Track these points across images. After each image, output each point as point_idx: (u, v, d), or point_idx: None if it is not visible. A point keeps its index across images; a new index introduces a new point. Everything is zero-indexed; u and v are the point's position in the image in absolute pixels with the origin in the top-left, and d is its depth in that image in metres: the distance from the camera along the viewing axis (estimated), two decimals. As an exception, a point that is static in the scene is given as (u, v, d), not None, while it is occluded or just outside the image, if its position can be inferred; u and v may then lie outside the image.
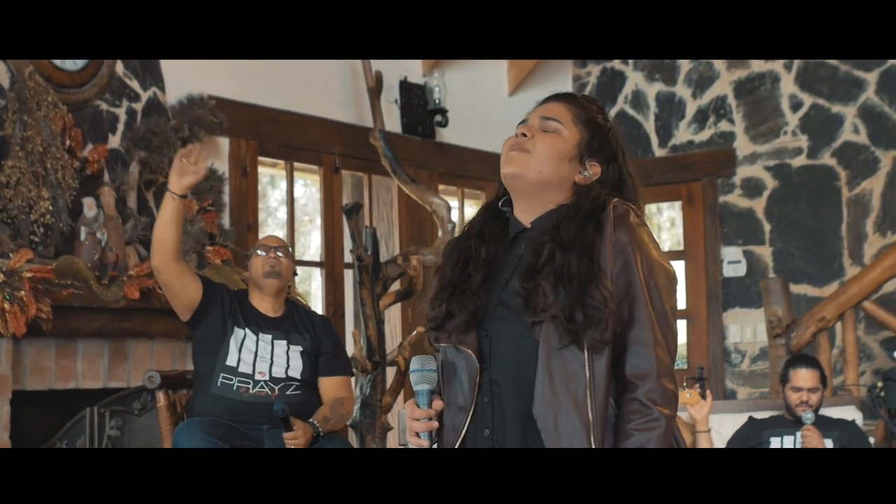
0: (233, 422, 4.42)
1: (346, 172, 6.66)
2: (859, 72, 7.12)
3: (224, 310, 4.60)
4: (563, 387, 2.21)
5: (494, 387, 2.28)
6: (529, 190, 2.38)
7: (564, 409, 2.21)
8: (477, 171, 7.34)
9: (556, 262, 2.25)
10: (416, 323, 6.66)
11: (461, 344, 2.30)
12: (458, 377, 2.31)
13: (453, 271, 2.40)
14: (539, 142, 2.38)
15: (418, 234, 6.88)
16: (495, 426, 2.28)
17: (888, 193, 7.00)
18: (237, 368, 4.50)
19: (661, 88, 7.79)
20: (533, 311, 2.23)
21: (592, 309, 2.20)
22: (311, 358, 4.67)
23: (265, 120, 6.11)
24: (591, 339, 2.20)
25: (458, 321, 2.31)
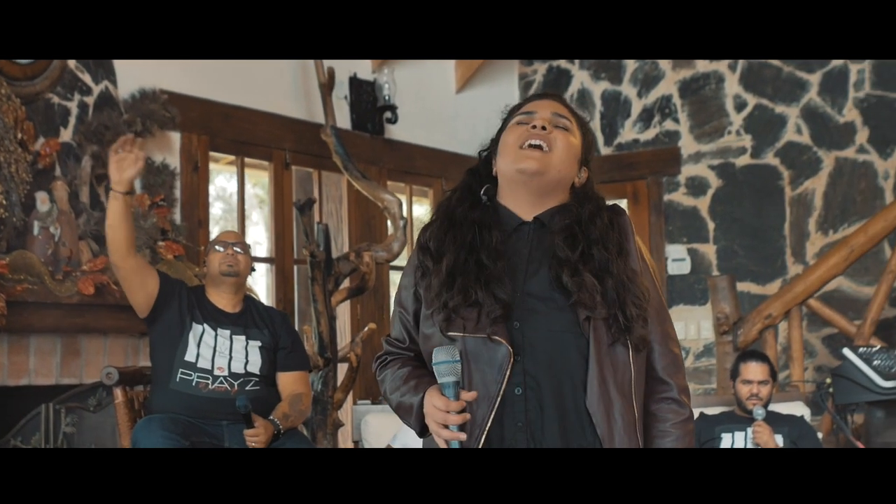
0: (192, 418, 4.40)
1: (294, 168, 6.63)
2: (802, 73, 7.23)
3: (182, 305, 4.58)
4: (613, 382, 2.26)
5: (528, 378, 2.26)
6: (543, 187, 2.39)
7: (616, 403, 2.26)
8: (425, 167, 7.36)
9: (597, 259, 2.30)
10: (366, 319, 6.66)
11: (495, 334, 2.26)
12: (480, 368, 2.27)
13: (459, 256, 2.35)
14: (559, 139, 2.38)
15: (367, 231, 6.88)
16: (529, 418, 2.26)
17: (830, 193, 7.12)
18: (196, 364, 4.48)
19: (606, 87, 7.85)
20: (584, 306, 2.26)
21: (637, 307, 2.28)
22: (270, 353, 4.66)
23: (216, 115, 6.07)
24: (637, 336, 2.28)
25: (486, 310, 2.28)
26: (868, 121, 7.04)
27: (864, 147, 7.04)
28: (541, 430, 2.26)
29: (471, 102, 7.74)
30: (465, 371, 2.28)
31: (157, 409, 4.42)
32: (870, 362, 5.27)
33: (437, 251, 2.40)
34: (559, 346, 2.27)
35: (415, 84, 7.21)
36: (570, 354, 2.27)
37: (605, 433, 2.24)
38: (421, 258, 2.43)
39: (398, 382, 2.43)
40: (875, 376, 5.23)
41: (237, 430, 4.42)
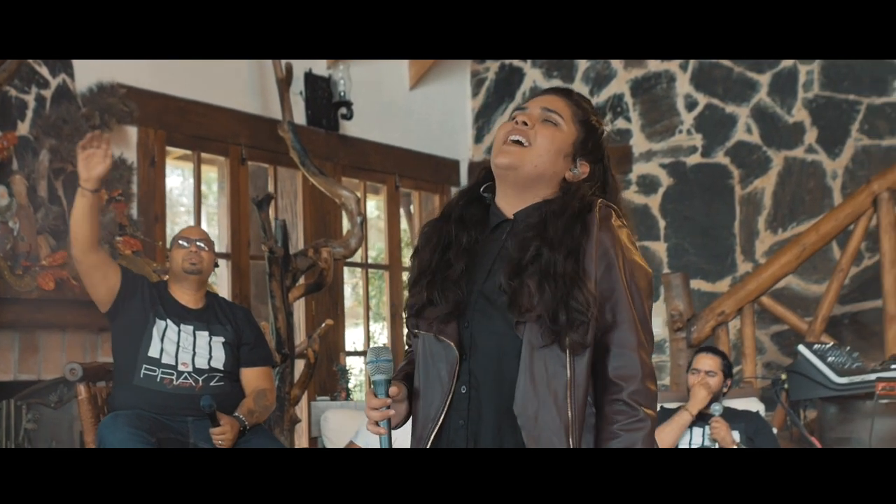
0: (157, 414, 4.37)
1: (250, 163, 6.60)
2: (752, 73, 7.33)
3: (144, 301, 4.55)
4: (544, 385, 2.24)
5: (472, 378, 2.30)
6: (521, 182, 2.39)
7: (545, 407, 2.23)
8: (378, 163, 7.36)
9: (543, 261, 2.27)
10: (322, 315, 6.66)
11: (441, 334, 2.31)
12: (436, 366, 2.32)
13: (432, 256, 2.39)
14: (540, 133, 2.38)
15: (322, 227, 6.87)
16: (471, 417, 2.30)
17: (779, 192, 7.23)
18: (160, 360, 4.46)
19: (559, 85, 7.89)
20: (518, 309, 2.25)
21: (575, 311, 2.22)
22: (234, 349, 4.65)
23: (173, 109, 6.04)
24: (572, 340, 2.22)
25: (438, 310, 2.32)
26: (817, 121, 7.15)
27: (813, 147, 7.15)
28: (477, 429, 2.30)
29: (424, 99, 7.76)
30: (425, 368, 2.34)
31: (122, 405, 4.39)
32: (824, 359, 5.36)
33: (420, 249, 2.45)
34: (498, 347, 2.29)
35: (369, 80, 7.21)
36: (508, 356, 2.27)
37: (530, 436, 2.24)
38: (413, 255, 2.48)
39: None
40: (829, 373, 5.31)
41: (202, 426, 4.40)
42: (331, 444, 5.26)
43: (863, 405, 5.34)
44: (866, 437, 5.24)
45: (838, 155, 7.09)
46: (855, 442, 5.31)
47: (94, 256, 4.38)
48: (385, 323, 8.19)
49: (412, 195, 7.86)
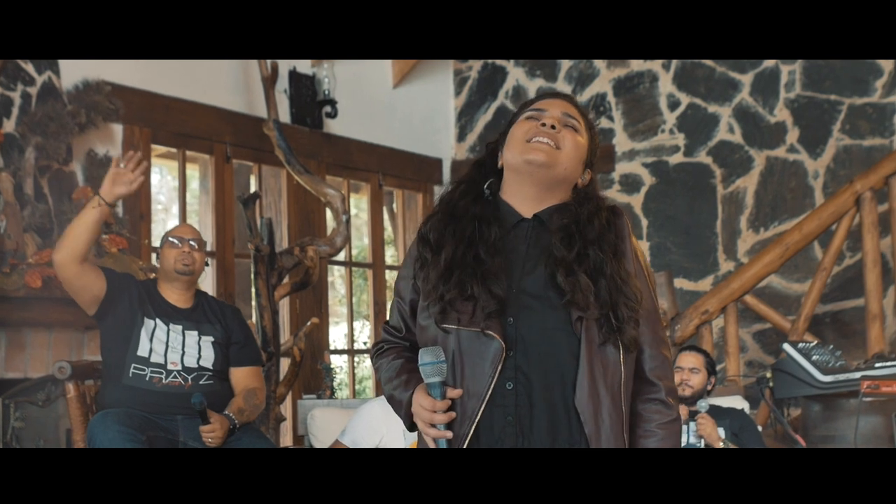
0: (146, 412, 4.37)
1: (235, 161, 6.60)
2: (734, 73, 7.36)
3: (132, 301, 4.54)
4: (602, 382, 2.29)
5: (519, 374, 2.30)
6: (548, 182, 2.42)
7: (605, 402, 2.29)
8: (362, 162, 7.36)
9: (591, 260, 2.33)
10: (305, 313, 6.66)
11: (488, 329, 2.29)
12: (472, 362, 2.31)
13: (457, 250, 2.38)
14: (568, 138, 2.42)
15: (307, 225, 6.86)
16: (520, 413, 2.30)
17: (761, 191, 7.27)
18: (149, 359, 4.46)
19: (541, 84, 7.92)
20: (577, 307, 2.29)
21: (629, 309, 2.31)
22: (223, 348, 4.65)
23: (158, 107, 6.02)
24: (628, 337, 2.30)
25: (481, 305, 2.31)
26: (798, 121, 7.19)
27: (795, 147, 7.19)
28: (529, 426, 2.30)
29: (407, 98, 7.77)
30: (458, 363, 2.32)
31: (111, 403, 4.38)
32: (809, 357, 5.40)
33: (436, 243, 2.43)
34: (551, 344, 2.31)
35: (352, 79, 7.21)
36: (562, 352, 2.30)
37: (592, 431, 2.28)
38: (420, 249, 2.45)
39: (391, 373, 2.48)
40: (814, 371, 5.35)
41: (192, 424, 4.40)
42: (318, 442, 5.26)
43: (846, 403, 5.39)
44: (850, 434, 5.29)
45: (820, 155, 7.14)
46: (839, 440, 5.36)
47: (79, 267, 4.38)
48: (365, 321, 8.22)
49: (395, 193, 7.86)
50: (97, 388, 4.58)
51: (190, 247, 4.65)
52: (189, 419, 4.41)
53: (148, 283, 4.73)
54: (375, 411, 4.89)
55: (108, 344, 4.56)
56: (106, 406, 4.38)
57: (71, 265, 4.35)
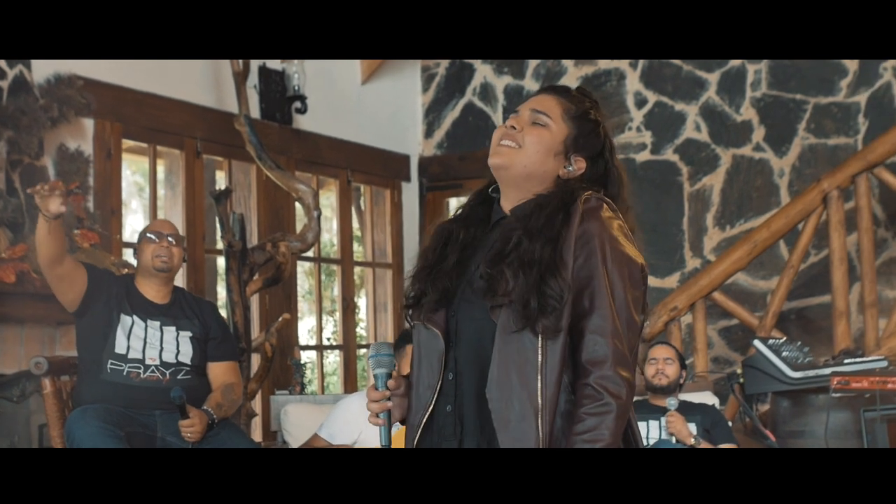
0: (124, 407, 4.36)
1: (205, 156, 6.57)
2: (701, 72, 7.43)
3: (110, 298, 4.54)
4: (515, 370, 2.29)
5: (458, 364, 2.38)
6: (514, 181, 2.47)
7: (516, 391, 2.28)
8: (331, 158, 7.36)
9: (521, 249, 2.33)
10: (274, 309, 6.65)
11: (430, 322, 2.40)
12: (427, 354, 2.41)
13: (434, 252, 2.48)
14: (528, 135, 2.46)
15: (276, 221, 6.85)
16: (457, 402, 2.38)
17: (727, 189, 7.33)
18: (126, 356, 4.46)
19: (509, 82, 7.95)
20: (493, 295, 2.32)
21: (548, 297, 2.28)
22: (201, 343, 4.65)
23: (130, 102, 5.99)
24: (543, 325, 2.27)
25: (429, 299, 2.42)
26: (764, 120, 7.27)
27: (761, 145, 7.27)
28: (463, 414, 2.38)
29: (375, 94, 7.77)
30: (417, 356, 2.44)
31: (88, 399, 4.37)
32: (779, 353, 5.47)
33: (427, 248, 2.53)
34: (478, 333, 2.36)
35: (322, 75, 7.20)
36: (486, 341, 2.34)
37: (499, 419, 2.29)
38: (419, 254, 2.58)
39: None
40: (784, 367, 5.42)
41: (170, 419, 4.40)
42: (291, 438, 5.26)
43: (815, 399, 5.46)
44: (819, 429, 5.36)
45: (785, 153, 7.22)
46: (808, 435, 5.43)
47: (60, 269, 4.39)
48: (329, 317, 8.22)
49: (363, 189, 7.86)
50: (73, 383, 4.56)
51: (168, 242, 4.65)
52: (167, 414, 4.41)
53: (126, 278, 4.72)
54: (353, 406, 4.90)
55: (84, 340, 4.55)
56: (83, 402, 4.37)
57: (52, 269, 4.37)
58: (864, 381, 4.98)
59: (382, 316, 7.80)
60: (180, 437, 4.37)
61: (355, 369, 7.54)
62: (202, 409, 4.44)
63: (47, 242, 4.26)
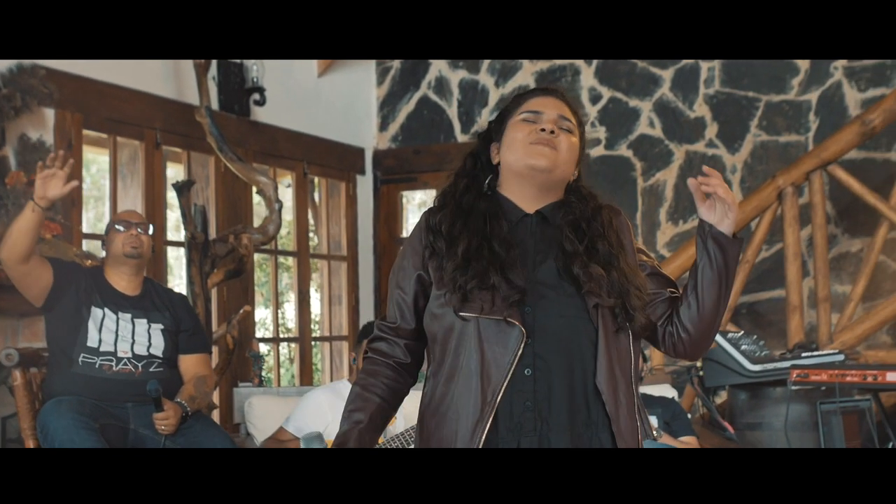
0: (96, 400, 4.35)
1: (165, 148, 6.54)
2: (655, 69, 7.52)
3: (79, 291, 4.52)
4: (618, 366, 2.43)
5: (538, 360, 2.41)
6: (549, 183, 2.55)
7: (621, 385, 2.43)
8: (288, 150, 7.35)
9: (602, 252, 2.46)
10: (233, 301, 6.64)
11: (510, 317, 2.40)
12: (492, 349, 2.40)
13: (471, 242, 2.48)
14: (564, 141, 2.54)
15: (233, 213, 6.84)
16: (538, 398, 2.40)
17: (680, 185, 7.43)
18: (98, 349, 4.45)
19: (464, 76, 7.99)
20: (593, 295, 2.42)
21: (639, 298, 2.45)
22: (172, 336, 4.65)
23: (91, 92, 5.95)
24: (638, 325, 2.45)
25: (502, 294, 2.41)
26: (717, 116, 7.37)
27: (714, 141, 7.37)
28: (548, 410, 2.40)
29: (331, 87, 7.77)
30: (477, 351, 2.42)
31: (60, 391, 4.35)
32: (738, 347, 5.57)
33: (448, 235, 2.53)
34: (569, 331, 2.43)
35: (279, 67, 7.19)
36: (580, 338, 2.42)
37: (613, 410, 2.41)
38: (431, 240, 2.55)
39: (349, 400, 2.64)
40: (743, 360, 5.53)
41: (142, 412, 4.40)
42: (256, 430, 5.25)
43: (773, 391, 5.57)
44: (776, 421, 5.48)
45: (738, 150, 7.33)
46: (766, 427, 5.54)
47: (26, 266, 4.35)
48: (272, 308, 8.19)
49: (318, 182, 7.86)
50: (42, 375, 4.54)
51: (137, 231, 4.65)
52: (140, 406, 4.41)
53: (95, 270, 4.70)
54: (321, 399, 4.92)
55: (55, 333, 4.52)
56: (55, 394, 4.35)
57: (16, 266, 4.33)
58: (824, 375, 5.09)
59: (337, 308, 7.82)
60: (153, 429, 4.37)
61: (311, 361, 7.55)
62: (175, 401, 4.44)
63: (28, 237, 4.22)
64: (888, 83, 6.97)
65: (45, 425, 4.20)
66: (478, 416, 2.39)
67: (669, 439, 5.05)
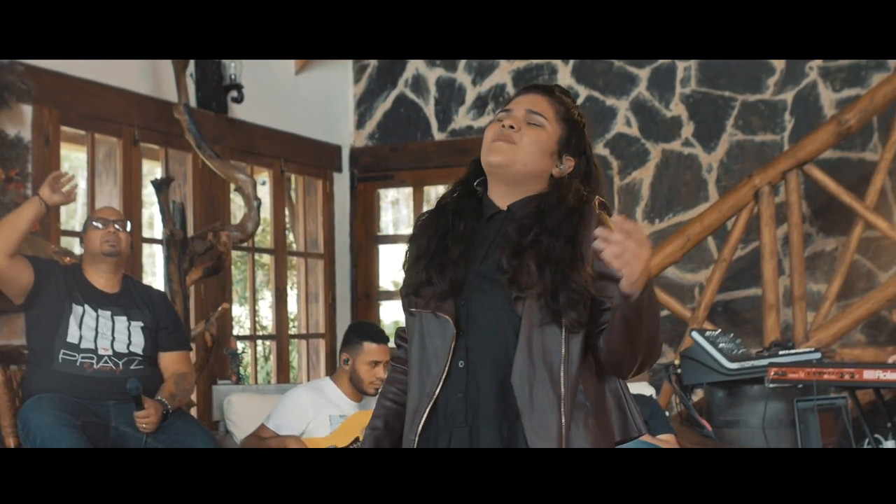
0: (77, 398, 4.35)
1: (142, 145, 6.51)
2: (632, 68, 7.54)
3: (59, 288, 4.52)
4: (539, 360, 2.40)
5: (470, 352, 2.45)
6: (512, 179, 2.56)
7: (539, 379, 2.40)
8: (265, 147, 7.34)
9: (543, 246, 2.44)
10: (210, 299, 6.62)
11: (439, 310, 2.46)
12: (432, 342, 2.47)
13: (430, 242, 2.54)
14: (525, 135, 2.55)
15: (211, 210, 6.82)
16: (469, 390, 2.44)
17: (657, 184, 7.47)
18: (79, 346, 4.44)
19: (441, 74, 8.00)
20: (518, 287, 2.41)
21: (574, 292, 2.39)
22: (152, 333, 4.65)
23: (68, 88, 5.92)
24: (570, 318, 2.39)
25: (436, 289, 2.47)
26: (693, 116, 7.41)
27: (690, 141, 7.41)
28: (476, 401, 2.44)
29: (308, 84, 7.76)
30: (420, 345, 2.49)
31: (41, 389, 4.35)
32: (716, 345, 5.61)
33: (417, 237, 2.60)
34: (496, 323, 2.45)
35: (257, 64, 7.17)
36: (505, 331, 2.43)
37: (524, 405, 2.39)
38: (408, 246, 2.63)
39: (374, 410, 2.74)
40: (721, 358, 5.56)
41: (123, 409, 4.39)
42: (235, 427, 5.25)
43: (750, 389, 5.61)
44: (753, 419, 5.52)
45: (714, 149, 7.37)
46: (743, 424, 5.58)
47: (9, 260, 4.36)
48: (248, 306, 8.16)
49: (295, 179, 7.85)
50: (22, 373, 4.52)
51: (115, 228, 4.64)
52: (120, 404, 4.40)
53: (73, 268, 4.69)
54: (303, 397, 4.92)
55: (35, 331, 4.51)
56: (36, 391, 4.34)
57: (2, 259, 4.32)
58: (801, 372, 5.12)
59: (314, 306, 7.81)
60: (134, 427, 4.36)
61: (287, 359, 7.55)
62: (156, 399, 4.44)
63: (23, 230, 4.27)
64: (863, 83, 7.03)
65: (27, 423, 4.19)
66: (415, 407, 2.48)
67: (648, 437, 5.07)
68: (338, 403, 4.82)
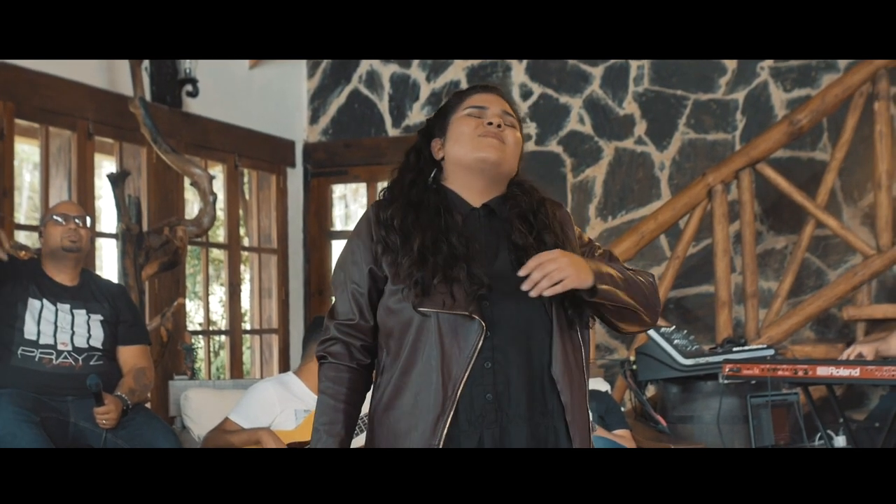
0: (36, 393, 4.32)
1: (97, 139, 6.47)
2: (586, 66, 7.59)
3: (16, 283, 4.48)
4: (572, 356, 2.48)
5: (497, 352, 2.45)
6: (496, 177, 2.60)
7: (575, 375, 2.48)
8: (219, 142, 7.31)
9: (550, 244, 2.50)
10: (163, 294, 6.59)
11: (464, 311, 2.43)
12: (451, 344, 2.43)
13: (425, 238, 2.50)
14: (510, 136, 2.60)
15: (165, 204, 6.78)
16: (498, 390, 2.44)
17: (609, 181, 7.53)
18: (38, 341, 4.41)
19: (395, 70, 8.01)
20: None
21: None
22: (112, 327, 4.63)
23: (23, 81, 5.87)
24: (587, 315, 2.52)
25: (466, 289, 2.44)
26: (646, 114, 7.47)
27: (642, 139, 7.48)
28: (508, 401, 2.44)
29: (262, 79, 7.74)
30: (437, 346, 2.43)
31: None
32: (671, 341, 5.67)
33: (402, 230, 2.54)
34: (526, 323, 2.47)
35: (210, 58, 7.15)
36: (536, 331, 2.47)
37: (568, 399, 2.45)
38: (383, 235, 2.56)
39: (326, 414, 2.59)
40: (676, 354, 5.62)
41: (83, 405, 4.37)
42: (192, 423, 5.22)
43: (704, 385, 5.68)
44: (707, 414, 5.59)
45: (666, 147, 7.44)
46: (696, 420, 5.64)
47: None
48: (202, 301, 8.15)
49: (249, 174, 7.83)
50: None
51: (76, 224, 4.61)
52: (80, 400, 4.38)
53: (31, 262, 4.66)
54: (270, 391, 4.90)
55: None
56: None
57: None
58: (755, 369, 5.19)
59: (267, 302, 7.80)
60: (94, 422, 4.34)
61: (241, 354, 7.52)
62: (116, 394, 4.42)
63: None
64: (813, 83, 7.13)
65: (-14, 419, 4.15)
66: (439, 411, 2.42)
67: (603, 432, 5.11)
68: (302, 398, 4.81)
